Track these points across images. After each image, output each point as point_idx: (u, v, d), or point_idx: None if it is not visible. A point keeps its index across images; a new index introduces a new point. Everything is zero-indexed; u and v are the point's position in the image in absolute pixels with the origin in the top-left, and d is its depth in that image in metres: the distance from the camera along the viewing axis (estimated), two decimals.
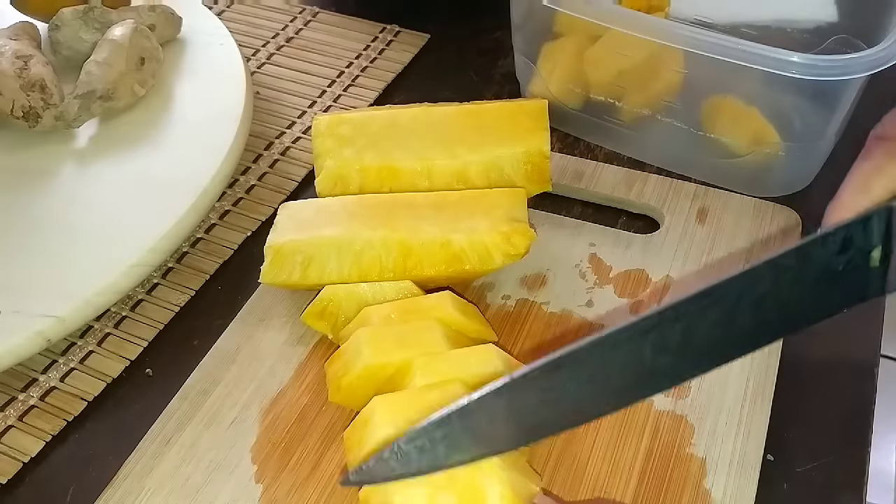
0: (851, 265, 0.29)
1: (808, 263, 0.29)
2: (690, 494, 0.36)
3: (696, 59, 0.45)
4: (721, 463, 0.37)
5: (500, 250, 0.41)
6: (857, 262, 0.29)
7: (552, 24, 0.52)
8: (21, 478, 0.39)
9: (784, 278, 0.29)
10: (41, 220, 0.47)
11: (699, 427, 0.38)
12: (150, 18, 0.57)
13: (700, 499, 0.35)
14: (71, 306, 0.42)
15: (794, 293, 0.29)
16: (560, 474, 0.36)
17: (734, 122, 0.48)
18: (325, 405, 0.40)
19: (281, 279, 0.42)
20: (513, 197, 0.43)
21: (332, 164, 0.45)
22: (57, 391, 0.43)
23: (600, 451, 0.37)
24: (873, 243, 0.28)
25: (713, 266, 0.45)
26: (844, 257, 0.28)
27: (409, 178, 0.45)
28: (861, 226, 0.28)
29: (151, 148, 0.52)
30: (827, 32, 0.51)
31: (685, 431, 0.38)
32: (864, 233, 0.28)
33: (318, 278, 0.41)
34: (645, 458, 0.37)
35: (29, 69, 0.50)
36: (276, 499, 0.36)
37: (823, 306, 0.30)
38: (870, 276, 0.29)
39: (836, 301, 0.30)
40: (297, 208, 0.44)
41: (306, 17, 0.67)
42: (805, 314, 0.30)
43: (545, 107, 0.46)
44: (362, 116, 0.47)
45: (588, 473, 0.36)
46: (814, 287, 0.29)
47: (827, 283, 0.29)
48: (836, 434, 0.39)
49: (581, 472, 0.36)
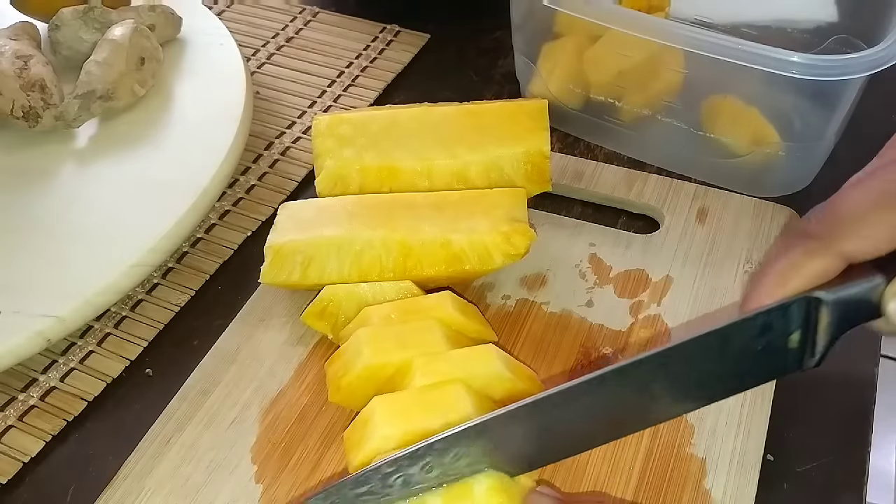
0: (771, 346, 0.31)
1: (729, 344, 0.31)
2: (690, 494, 0.36)
3: (696, 59, 0.45)
4: (721, 463, 0.37)
5: (500, 250, 0.41)
6: (777, 343, 0.31)
7: (552, 24, 0.52)
8: (21, 478, 0.39)
9: (706, 355, 0.31)
10: (41, 220, 0.47)
11: (699, 427, 0.38)
12: (150, 18, 0.57)
13: (700, 499, 0.35)
14: (71, 306, 0.42)
15: (716, 366, 0.32)
16: (560, 473, 0.36)
17: (734, 122, 0.48)
18: (325, 405, 0.40)
19: (281, 279, 0.42)
20: (513, 197, 0.43)
21: (332, 164, 0.45)
22: (57, 391, 0.43)
23: (600, 451, 0.37)
24: (792, 328, 0.31)
25: (713, 266, 0.45)
26: (763, 339, 0.31)
27: (409, 178, 0.45)
28: (781, 312, 0.31)
29: (151, 148, 0.52)
30: (827, 32, 0.51)
31: (685, 431, 0.38)
32: (785, 318, 0.31)
33: (318, 278, 0.41)
34: (645, 457, 0.37)
35: (29, 69, 0.50)
36: (276, 499, 0.36)
37: (745, 379, 0.32)
38: (788, 355, 0.32)
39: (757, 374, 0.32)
40: (297, 208, 0.44)
41: (306, 17, 0.67)
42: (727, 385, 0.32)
43: (545, 107, 0.46)
44: (362, 116, 0.47)
45: (588, 473, 0.36)
46: (734, 363, 0.32)
47: (748, 360, 0.32)
48: (836, 434, 0.39)
49: (581, 472, 0.36)
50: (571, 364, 0.41)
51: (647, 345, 0.41)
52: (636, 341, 0.42)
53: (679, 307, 0.43)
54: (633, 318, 0.43)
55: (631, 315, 0.43)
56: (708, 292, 0.43)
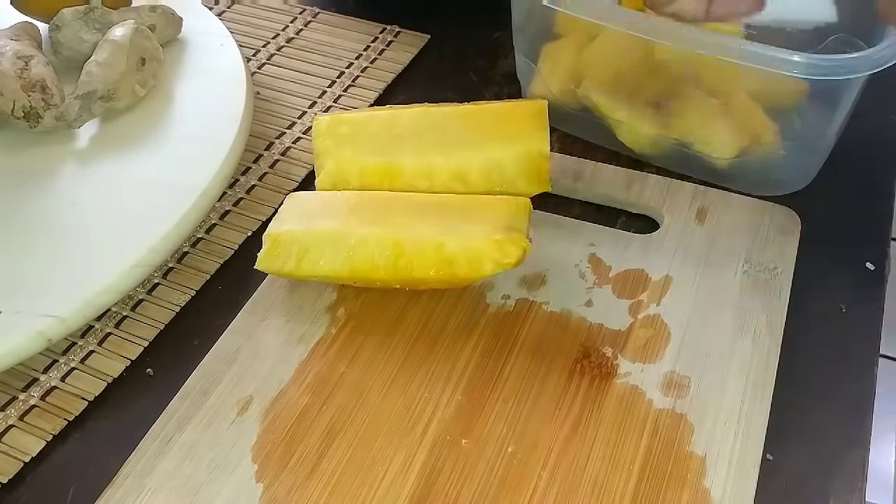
0: None
1: None
2: (690, 493, 0.36)
3: (695, 58, 0.45)
4: (721, 462, 0.37)
5: (491, 258, 0.40)
6: None
7: (553, 25, 0.52)
8: (22, 477, 0.40)
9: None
10: (42, 221, 0.47)
11: (699, 426, 0.38)
12: (150, 19, 0.57)
13: (700, 498, 0.35)
14: (72, 306, 0.42)
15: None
16: (560, 472, 0.36)
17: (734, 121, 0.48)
18: (325, 405, 0.40)
19: (275, 267, 0.43)
20: (516, 206, 0.43)
21: (332, 165, 0.46)
22: (58, 391, 0.43)
23: (600, 450, 0.37)
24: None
25: (713, 266, 0.45)
26: None
27: (409, 178, 0.45)
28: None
29: (152, 148, 0.52)
30: (827, 32, 0.51)
31: (685, 430, 0.38)
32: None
33: (311, 270, 0.42)
34: (644, 456, 0.37)
35: (30, 69, 0.50)
36: (277, 498, 0.36)
37: None
38: None
39: None
40: (302, 199, 0.45)
41: (306, 17, 0.67)
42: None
43: (545, 107, 0.46)
44: (362, 116, 0.47)
45: (588, 472, 0.37)
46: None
47: None
48: (836, 434, 0.39)
49: (581, 471, 0.37)
50: (571, 363, 0.41)
51: (647, 344, 0.41)
52: (635, 340, 0.42)
53: (679, 307, 0.43)
54: (633, 318, 0.43)
55: (630, 315, 0.43)
56: (708, 292, 0.44)
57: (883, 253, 0.47)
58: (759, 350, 0.41)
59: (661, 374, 0.40)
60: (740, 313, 0.42)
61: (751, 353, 0.41)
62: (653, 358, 0.41)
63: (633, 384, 0.40)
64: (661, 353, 0.41)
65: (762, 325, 0.42)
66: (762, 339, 0.41)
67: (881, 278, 0.46)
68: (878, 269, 0.46)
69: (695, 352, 0.41)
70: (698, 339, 0.41)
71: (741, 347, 0.41)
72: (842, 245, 0.47)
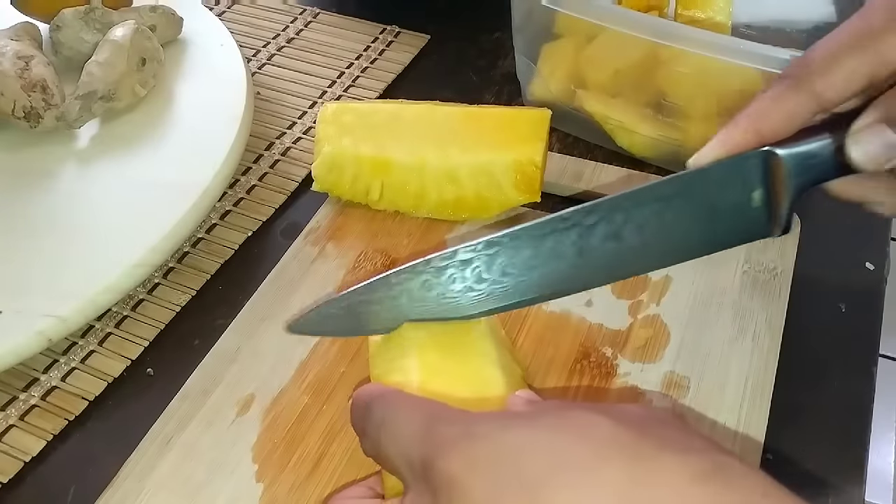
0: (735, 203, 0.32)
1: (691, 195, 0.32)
2: None
3: (695, 59, 0.45)
4: None
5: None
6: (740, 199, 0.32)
7: (552, 25, 0.52)
8: (22, 477, 0.40)
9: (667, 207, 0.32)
10: (42, 220, 0.48)
11: (699, 425, 0.38)
12: (151, 19, 0.57)
13: None
14: (72, 306, 0.42)
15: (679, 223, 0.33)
16: None
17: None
18: (325, 405, 0.40)
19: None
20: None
21: (329, 150, 0.46)
22: (58, 391, 0.43)
23: None
24: (754, 183, 0.31)
25: (712, 266, 0.45)
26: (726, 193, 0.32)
27: (401, 172, 0.46)
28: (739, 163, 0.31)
29: (152, 148, 0.52)
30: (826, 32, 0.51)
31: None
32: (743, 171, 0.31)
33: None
34: None
35: (30, 70, 0.50)
36: (277, 498, 0.37)
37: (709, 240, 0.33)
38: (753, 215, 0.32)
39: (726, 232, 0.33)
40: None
41: (307, 17, 0.67)
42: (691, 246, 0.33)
43: (547, 117, 0.46)
44: (368, 108, 0.48)
45: None
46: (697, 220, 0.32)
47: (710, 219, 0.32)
48: (835, 434, 0.39)
49: None
50: (571, 363, 0.41)
51: (647, 344, 0.41)
52: (635, 341, 0.42)
53: (678, 307, 0.43)
54: (633, 318, 0.43)
55: (630, 315, 0.43)
56: (707, 292, 0.44)
57: (882, 253, 0.47)
58: (758, 350, 0.41)
59: (661, 374, 0.40)
60: (740, 313, 0.42)
61: (750, 354, 0.41)
62: (652, 358, 0.41)
63: (633, 384, 0.40)
64: (661, 353, 0.41)
65: (762, 326, 0.42)
66: (762, 339, 0.41)
67: (881, 278, 0.46)
68: (877, 269, 0.46)
69: (694, 352, 0.41)
70: (698, 340, 0.41)
71: (741, 348, 0.41)
72: (842, 245, 0.47)
